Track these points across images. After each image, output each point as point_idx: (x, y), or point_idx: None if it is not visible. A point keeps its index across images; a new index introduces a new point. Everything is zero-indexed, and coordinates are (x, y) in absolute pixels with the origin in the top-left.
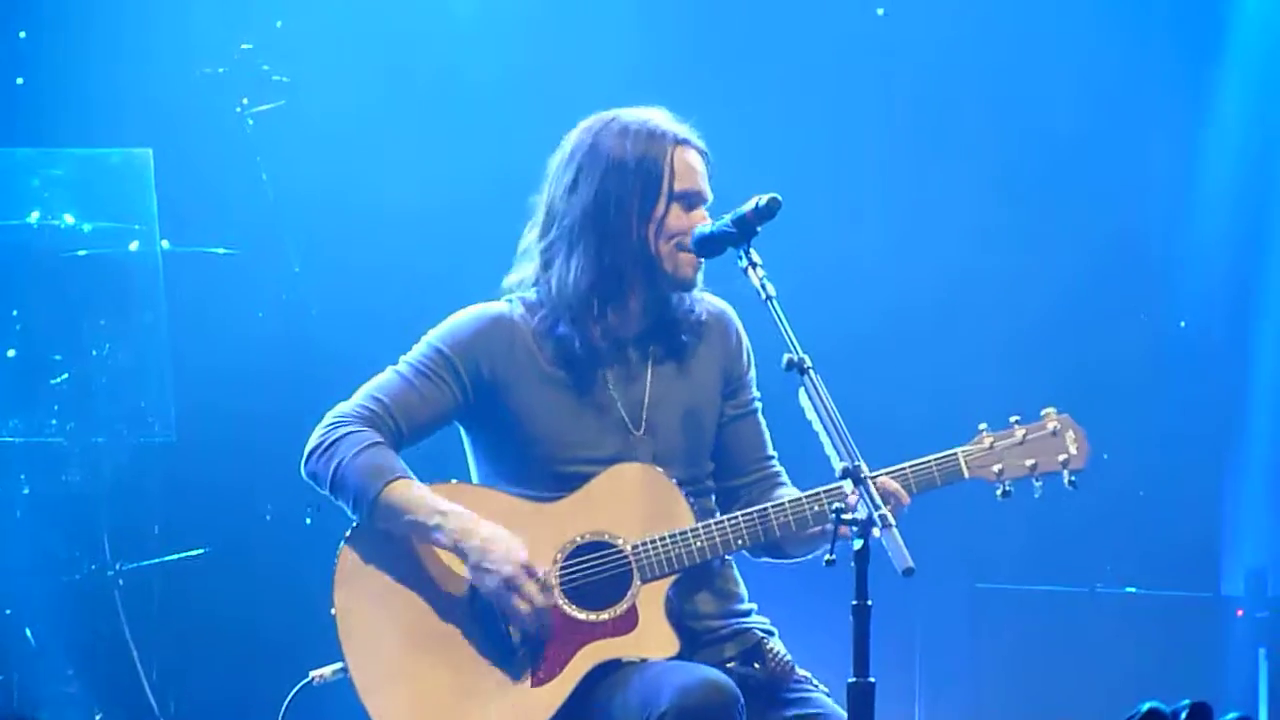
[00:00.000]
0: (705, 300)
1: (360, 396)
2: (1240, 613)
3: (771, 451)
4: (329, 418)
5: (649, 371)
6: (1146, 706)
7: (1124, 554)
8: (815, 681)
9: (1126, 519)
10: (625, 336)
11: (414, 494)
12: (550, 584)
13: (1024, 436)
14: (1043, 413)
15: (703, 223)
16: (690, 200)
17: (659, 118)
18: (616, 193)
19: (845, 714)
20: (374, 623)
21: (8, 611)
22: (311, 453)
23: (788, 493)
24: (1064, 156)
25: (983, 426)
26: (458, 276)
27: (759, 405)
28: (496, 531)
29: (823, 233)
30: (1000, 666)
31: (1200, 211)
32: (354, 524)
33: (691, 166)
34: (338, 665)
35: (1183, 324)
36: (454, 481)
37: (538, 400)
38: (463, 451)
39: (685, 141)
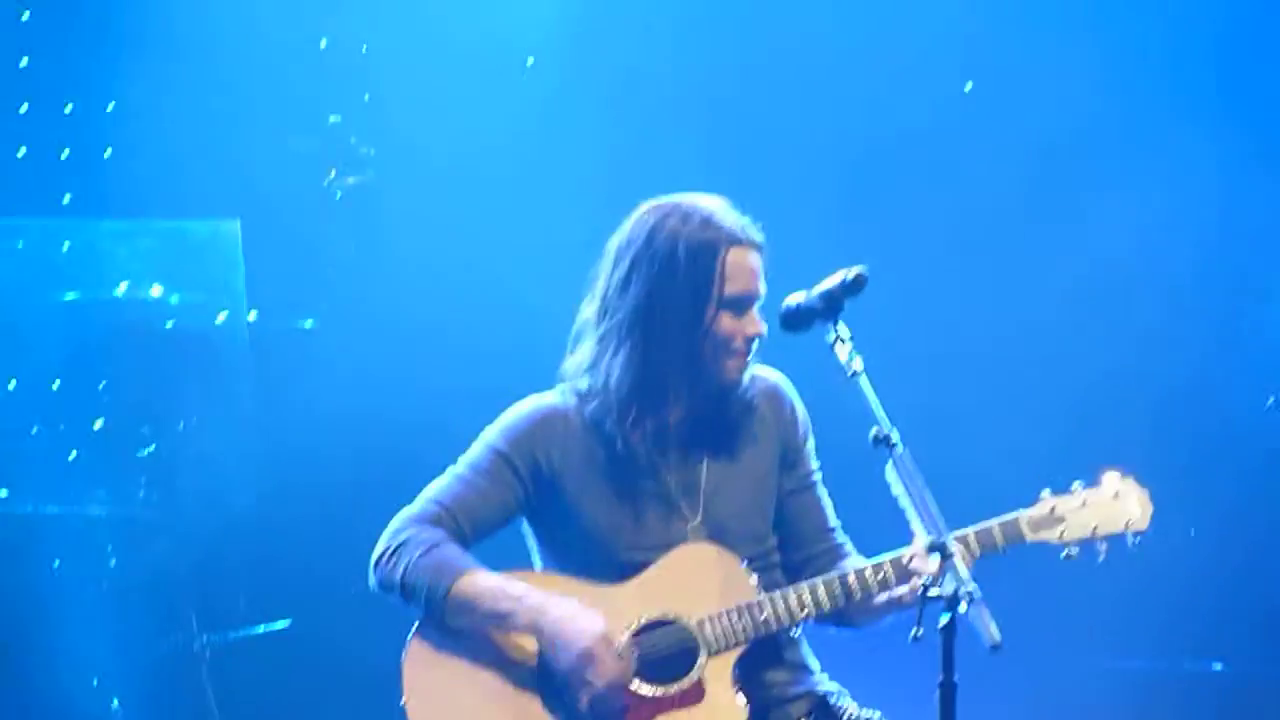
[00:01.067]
0: (757, 375)
1: (421, 502)
2: None
3: (834, 523)
4: (393, 524)
5: (703, 458)
6: None
7: (1208, 629)
8: None
9: (1210, 594)
10: (675, 427)
11: (487, 584)
12: (625, 655)
13: (1085, 500)
14: (1103, 475)
15: (754, 324)
16: (742, 304)
17: (717, 211)
18: (665, 297)
19: None
20: (445, 705)
21: (95, 682)
22: (378, 561)
23: (854, 564)
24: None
25: (1045, 491)
26: (547, 354)
27: (819, 476)
28: (572, 607)
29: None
30: None
31: None
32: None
33: (744, 268)
34: None
35: (1271, 400)
36: (520, 571)
37: (593, 492)
38: (525, 544)
39: (739, 240)
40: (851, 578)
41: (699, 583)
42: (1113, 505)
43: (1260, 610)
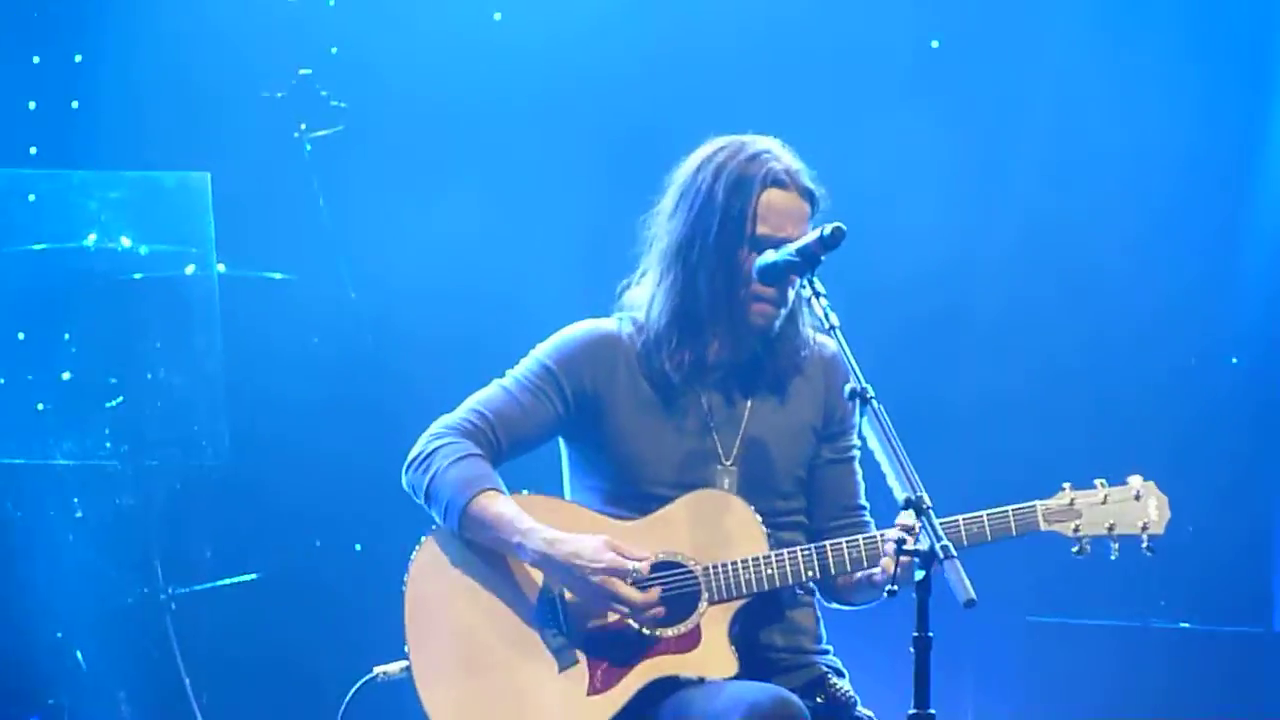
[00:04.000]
0: (818, 340)
1: (463, 410)
2: None
3: (863, 501)
4: (432, 428)
5: (748, 403)
6: None
7: (1177, 589)
8: None
9: (1179, 554)
10: (725, 364)
11: (500, 509)
12: (643, 573)
13: (1105, 497)
14: (1128, 478)
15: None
16: (771, 247)
17: (769, 150)
18: (703, 229)
19: None
20: (440, 618)
21: (59, 635)
22: (411, 463)
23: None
24: (1115, 207)
25: (1066, 485)
26: (515, 302)
27: (857, 453)
28: (581, 537)
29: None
30: (1052, 700)
31: (1249, 246)
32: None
33: (780, 210)
34: (404, 662)
35: (1235, 360)
36: (538, 494)
37: (633, 422)
38: (559, 465)
39: (777, 182)
40: (861, 543)
41: (712, 529)
42: (1132, 505)
43: (1226, 570)
